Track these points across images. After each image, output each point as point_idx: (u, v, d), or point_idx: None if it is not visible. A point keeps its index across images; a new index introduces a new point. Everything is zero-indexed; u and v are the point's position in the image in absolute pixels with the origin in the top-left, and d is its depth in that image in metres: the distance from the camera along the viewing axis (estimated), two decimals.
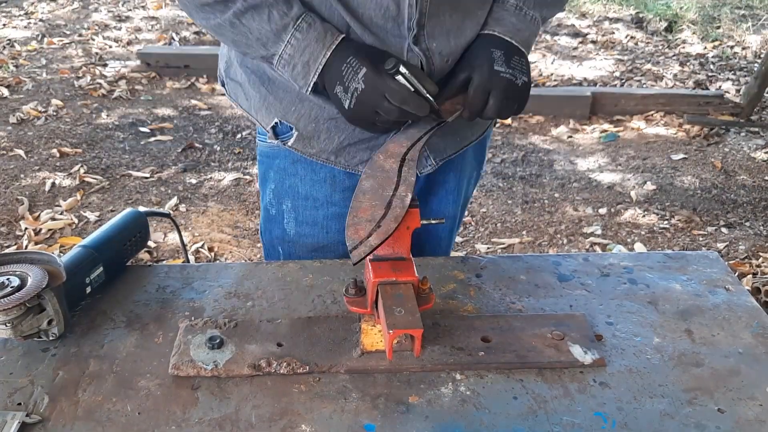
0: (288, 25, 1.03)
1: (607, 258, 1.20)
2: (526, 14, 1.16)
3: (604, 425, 0.85)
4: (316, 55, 1.04)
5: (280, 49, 1.05)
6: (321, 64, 1.04)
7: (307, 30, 1.04)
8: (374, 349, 0.95)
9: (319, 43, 1.04)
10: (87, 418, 0.86)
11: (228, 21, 1.04)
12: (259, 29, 1.04)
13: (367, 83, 1.01)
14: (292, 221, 1.28)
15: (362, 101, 1.02)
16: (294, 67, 1.05)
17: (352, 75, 1.02)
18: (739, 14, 6.05)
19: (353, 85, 1.02)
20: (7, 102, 4.28)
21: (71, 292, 1.01)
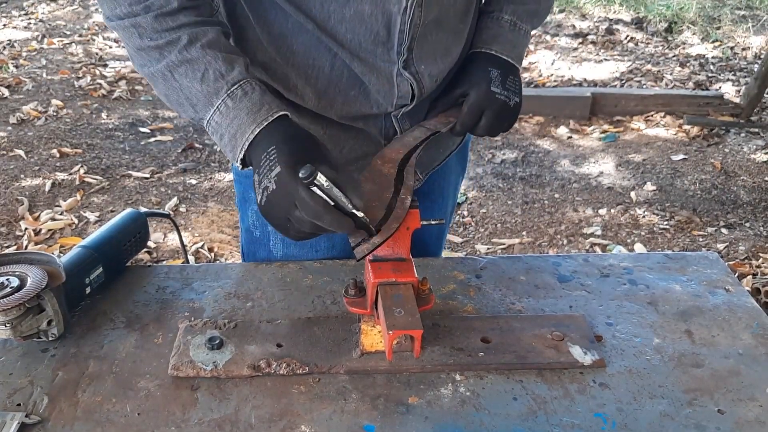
0: (221, 89, 0.93)
1: (607, 259, 1.20)
2: (520, 29, 1.17)
3: (604, 426, 0.85)
4: (243, 130, 0.92)
5: (208, 114, 0.94)
6: (248, 141, 0.92)
7: (241, 98, 0.93)
8: (374, 350, 0.95)
9: (250, 116, 0.92)
10: (86, 419, 0.86)
11: (160, 72, 0.95)
12: (189, 88, 0.94)
13: (279, 186, 0.87)
14: (279, 243, 1.24)
15: (272, 204, 0.88)
16: (221, 137, 0.95)
17: (267, 170, 0.88)
18: (739, 15, 6.05)
19: (265, 182, 0.88)
20: (7, 102, 4.28)
21: (71, 292, 1.01)
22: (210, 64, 0.93)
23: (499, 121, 1.11)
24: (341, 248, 1.23)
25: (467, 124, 1.11)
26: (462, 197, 3.35)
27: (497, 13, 1.16)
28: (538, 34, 5.65)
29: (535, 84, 4.71)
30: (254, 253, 1.29)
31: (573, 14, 6.14)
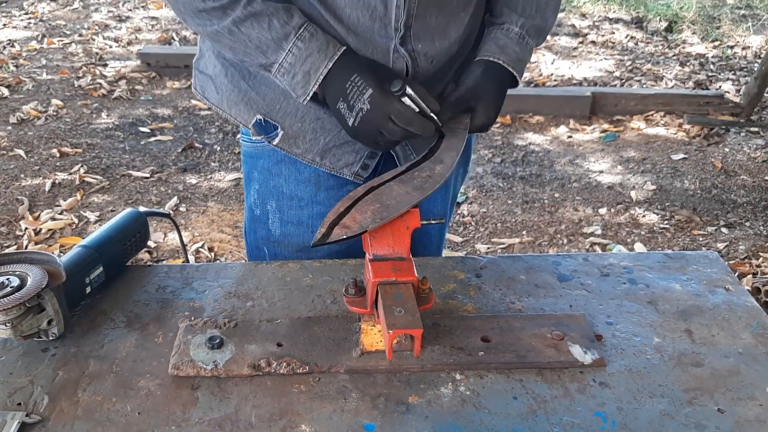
0: (290, 33, 1.03)
1: (607, 258, 1.20)
2: (528, 44, 1.19)
3: (604, 425, 0.85)
4: (317, 65, 1.03)
5: (280, 57, 1.04)
6: (322, 75, 1.04)
7: (310, 39, 1.03)
8: (374, 349, 0.95)
9: (321, 53, 1.03)
10: (87, 418, 0.86)
11: (226, 29, 1.03)
12: (258, 37, 1.03)
13: (373, 104, 1.01)
14: (277, 221, 1.28)
15: (367, 121, 1.02)
16: (294, 76, 1.05)
17: (357, 94, 1.02)
18: (739, 14, 6.05)
19: (358, 105, 1.02)
20: (7, 102, 4.28)
21: (71, 292, 1.01)
22: (272, 14, 1.02)
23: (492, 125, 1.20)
24: None
25: (472, 132, 1.17)
26: (462, 197, 3.35)
27: (507, 25, 1.18)
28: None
29: (535, 83, 4.71)
30: (255, 231, 1.33)
31: (573, 14, 6.13)
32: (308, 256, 1.25)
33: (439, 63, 1.15)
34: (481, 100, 1.14)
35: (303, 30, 1.03)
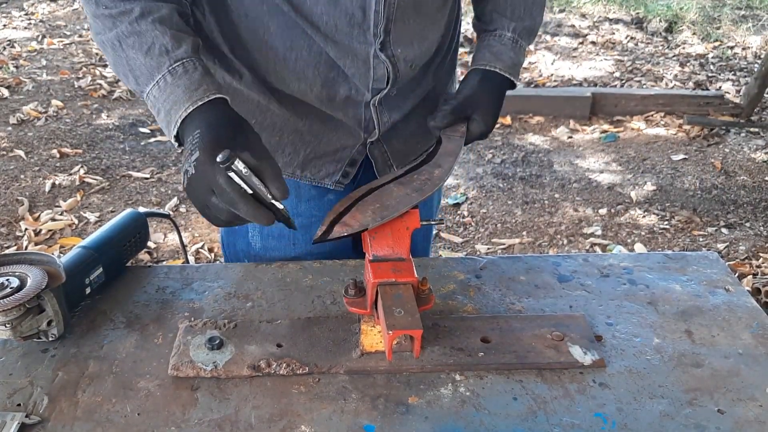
0: (162, 64, 0.93)
1: (606, 258, 1.20)
2: (521, 46, 1.19)
3: (604, 426, 0.85)
4: (177, 107, 0.92)
5: (148, 88, 0.95)
6: (180, 118, 0.91)
7: (181, 76, 0.93)
8: (374, 350, 0.95)
9: (186, 93, 0.92)
10: (86, 419, 0.86)
11: (110, 41, 0.96)
12: (135, 59, 0.95)
13: (197, 170, 0.86)
14: (257, 235, 1.25)
15: (192, 188, 0.88)
16: (158, 113, 0.95)
17: (189, 154, 0.88)
18: (739, 15, 6.05)
19: (186, 166, 0.88)
20: (7, 103, 4.28)
21: (71, 292, 1.01)
22: (157, 38, 0.94)
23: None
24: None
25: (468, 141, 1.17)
26: (462, 197, 3.35)
27: (500, 31, 1.18)
28: (538, 34, 5.65)
29: (535, 84, 4.71)
30: (233, 244, 1.30)
31: (573, 14, 6.14)
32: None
33: (418, 67, 1.14)
34: (479, 108, 1.14)
35: (178, 64, 0.93)
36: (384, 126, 1.18)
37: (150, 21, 0.95)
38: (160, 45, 0.94)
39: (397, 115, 1.19)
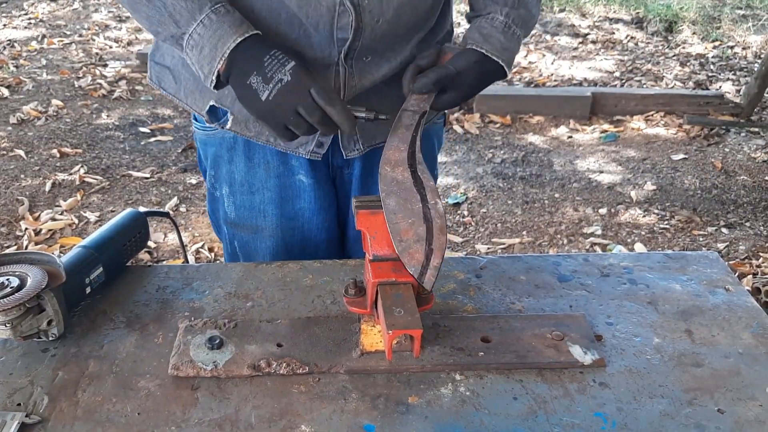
0: (204, 5, 0.99)
1: (607, 258, 1.20)
2: (514, 33, 1.16)
3: (604, 425, 0.85)
4: (225, 39, 0.99)
5: (191, 28, 1.00)
6: (229, 48, 0.99)
7: (224, 14, 1.00)
8: (374, 350, 0.95)
9: (231, 28, 0.99)
10: (87, 419, 0.86)
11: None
12: (174, 4, 1.00)
13: (294, 76, 0.97)
14: (231, 205, 1.31)
15: (285, 94, 0.97)
16: (201, 50, 1.01)
17: (278, 66, 0.97)
18: (739, 14, 6.05)
19: (278, 75, 0.97)
20: (7, 102, 4.28)
21: (71, 292, 1.01)
22: None
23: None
24: (290, 215, 1.29)
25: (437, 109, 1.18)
26: (462, 197, 3.35)
27: (492, 14, 1.16)
28: (538, 34, 5.65)
29: (535, 84, 4.71)
30: (215, 211, 1.36)
31: (573, 13, 6.14)
32: (263, 239, 1.30)
33: (386, 24, 1.10)
34: (459, 86, 1.13)
35: (220, 5, 1.00)
36: (351, 91, 1.15)
37: None
38: None
39: (367, 81, 1.16)
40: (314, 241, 1.33)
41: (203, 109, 1.19)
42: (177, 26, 1.01)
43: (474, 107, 4.20)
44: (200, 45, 1.00)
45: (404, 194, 0.96)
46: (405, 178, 0.99)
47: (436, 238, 0.91)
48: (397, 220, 0.93)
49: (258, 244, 1.32)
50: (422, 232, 0.91)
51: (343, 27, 1.07)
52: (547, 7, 6.22)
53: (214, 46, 0.99)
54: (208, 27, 0.99)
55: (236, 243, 1.34)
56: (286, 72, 0.97)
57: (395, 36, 1.14)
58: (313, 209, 1.29)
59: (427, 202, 0.95)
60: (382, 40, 1.13)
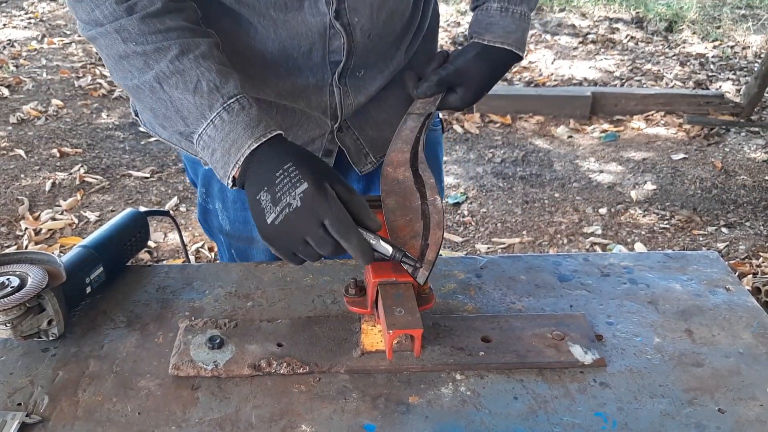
0: (215, 102, 0.89)
1: (607, 258, 1.20)
2: (513, 13, 1.13)
3: (605, 425, 0.85)
4: (239, 145, 0.88)
5: (200, 128, 0.90)
6: (243, 156, 0.87)
7: (239, 112, 0.89)
8: (374, 349, 0.95)
9: (247, 131, 0.88)
10: (87, 419, 0.86)
11: (148, 84, 0.90)
12: (181, 100, 0.89)
13: (306, 202, 0.83)
14: (226, 219, 1.29)
15: (293, 222, 0.84)
16: (213, 152, 0.90)
17: (289, 187, 0.84)
18: (739, 14, 6.05)
19: (287, 199, 0.84)
20: (7, 102, 4.28)
21: (71, 292, 1.01)
22: (203, 75, 0.89)
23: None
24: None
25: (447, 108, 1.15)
26: (462, 196, 3.35)
27: (487, 4, 1.15)
28: (538, 34, 5.65)
29: (535, 83, 4.71)
30: (209, 221, 1.34)
31: (573, 13, 6.13)
32: (262, 249, 1.28)
33: (377, 38, 1.08)
34: (464, 82, 1.11)
35: (234, 101, 0.89)
36: (348, 109, 1.14)
37: (192, 58, 0.90)
38: (208, 82, 0.89)
39: (363, 97, 1.15)
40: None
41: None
42: (185, 124, 0.91)
43: (474, 107, 4.20)
44: (211, 147, 0.90)
45: (404, 192, 0.97)
46: (406, 177, 0.99)
47: (432, 233, 0.91)
48: (395, 218, 0.93)
49: (254, 253, 1.32)
50: (419, 228, 0.91)
51: (335, 50, 1.06)
52: (547, 7, 6.22)
53: (226, 151, 0.88)
54: (219, 129, 0.89)
55: (233, 251, 1.34)
56: (296, 196, 0.83)
57: (386, 45, 1.13)
58: None
59: (426, 199, 0.96)
60: (374, 52, 1.11)
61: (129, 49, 0.90)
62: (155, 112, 0.93)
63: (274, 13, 0.99)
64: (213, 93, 0.89)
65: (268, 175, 0.86)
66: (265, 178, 0.86)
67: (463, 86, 1.12)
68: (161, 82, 0.89)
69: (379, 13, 1.06)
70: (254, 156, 0.88)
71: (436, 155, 1.38)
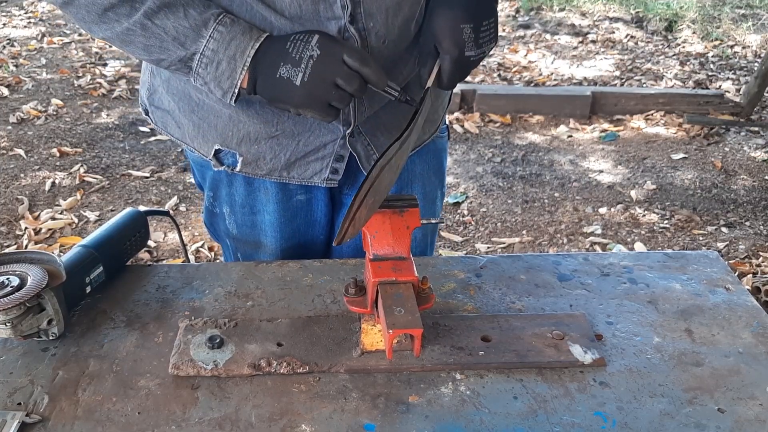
0: (209, 20, 0.95)
1: (607, 257, 1.20)
2: None
3: (604, 425, 0.85)
4: (243, 47, 0.95)
5: (201, 45, 0.95)
6: (250, 56, 0.96)
7: (231, 24, 0.96)
8: (374, 349, 0.95)
9: (245, 35, 0.96)
10: (87, 418, 0.86)
11: (138, 23, 0.95)
12: (175, 27, 0.95)
13: (323, 48, 0.94)
14: (233, 223, 1.29)
15: (320, 69, 0.93)
16: (218, 65, 0.96)
17: (303, 45, 0.94)
18: (739, 14, 6.05)
19: (307, 53, 0.93)
20: (7, 101, 4.28)
21: (71, 291, 1.01)
22: (187, 3, 0.95)
23: (462, 76, 1.05)
24: (291, 234, 1.27)
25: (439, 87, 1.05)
26: (462, 196, 3.35)
27: None
28: (538, 33, 5.65)
29: (535, 83, 4.71)
30: (215, 225, 1.34)
31: (573, 13, 6.13)
32: (266, 253, 1.29)
33: (392, 44, 1.07)
34: (446, 57, 1.00)
35: (223, 16, 0.96)
36: (362, 115, 1.14)
37: None
38: (194, 8, 0.95)
39: (377, 103, 1.14)
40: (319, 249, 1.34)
41: (210, 154, 1.16)
42: (183, 48, 0.96)
43: (474, 106, 4.20)
44: (215, 60, 0.96)
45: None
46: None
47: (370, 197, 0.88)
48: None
49: (261, 258, 1.31)
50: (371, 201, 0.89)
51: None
52: (547, 7, 6.22)
53: (232, 58, 0.96)
54: (219, 41, 0.95)
55: (239, 255, 1.35)
56: (313, 47, 0.94)
57: (400, 52, 1.12)
58: (314, 224, 1.29)
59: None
60: (388, 58, 1.10)
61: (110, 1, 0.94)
62: (150, 49, 0.97)
63: (288, 14, 1.00)
64: (203, 14, 0.96)
65: (279, 55, 0.95)
66: (277, 59, 0.95)
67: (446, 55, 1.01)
68: (151, 18, 0.94)
69: (394, 19, 1.05)
70: (258, 54, 0.96)
71: (440, 162, 1.37)
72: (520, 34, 5.68)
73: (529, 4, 6.25)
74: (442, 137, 1.36)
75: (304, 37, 0.95)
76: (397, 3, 1.03)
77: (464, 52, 1.00)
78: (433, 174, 1.35)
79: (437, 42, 1.01)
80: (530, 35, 5.64)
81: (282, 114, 1.12)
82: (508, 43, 5.41)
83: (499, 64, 4.99)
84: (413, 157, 1.29)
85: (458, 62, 1.01)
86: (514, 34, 5.67)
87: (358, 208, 0.87)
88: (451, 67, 1.01)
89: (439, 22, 1.01)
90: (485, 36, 1.02)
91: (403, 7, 1.05)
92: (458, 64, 1.01)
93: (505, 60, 5.09)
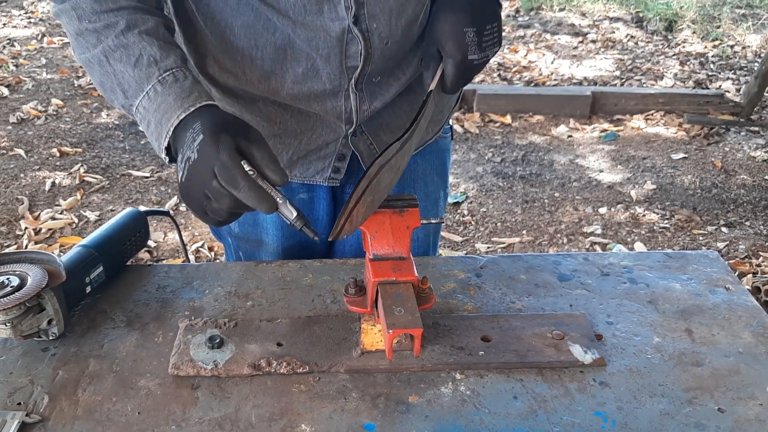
0: (152, 75, 0.91)
1: (607, 257, 1.20)
2: None
3: (604, 425, 0.85)
4: (169, 115, 0.89)
5: (138, 100, 0.92)
6: (173, 126, 0.88)
7: (171, 85, 0.90)
8: (374, 349, 0.95)
9: (177, 101, 0.89)
10: (87, 418, 0.86)
11: (97, 58, 0.94)
12: (123, 73, 0.92)
13: (201, 153, 0.81)
14: (235, 221, 1.28)
15: (192, 177, 0.83)
16: (148, 125, 0.92)
17: (191, 141, 0.84)
18: (739, 14, 6.05)
19: (188, 153, 0.84)
20: (7, 101, 4.28)
21: (71, 291, 1.01)
22: (145, 49, 0.92)
23: (465, 80, 1.04)
24: (293, 232, 1.22)
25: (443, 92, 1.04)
26: (462, 196, 3.35)
27: None
28: (538, 33, 5.65)
29: (535, 83, 4.71)
30: (218, 230, 1.35)
31: (573, 13, 6.13)
32: (268, 252, 1.29)
33: (395, 45, 1.07)
34: (449, 61, 0.99)
35: (168, 74, 0.91)
36: (363, 114, 1.14)
37: (137, 33, 0.93)
38: (149, 56, 0.91)
39: (379, 103, 1.14)
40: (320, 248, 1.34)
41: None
42: (125, 96, 0.93)
43: (474, 106, 4.20)
44: (146, 119, 0.92)
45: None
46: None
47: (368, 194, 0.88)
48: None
49: (262, 256, 1.32)
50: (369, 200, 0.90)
51: (352, 55, 1.05)
52: (547, 7, 6.22)
53: (159, 122, 0.90)
54: (153, 100, 0.90)
55: (241, 253, 1.35)
56: (194, 149, 0.82)
57: (403, 53, 1.12)
58: (316, 223, 1.29)
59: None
60: (391, 60, 1.10)
61: (83, 26, 0.93)
62: (103, 85, 0.96)
63: (292, 14, 0.99)
64: (151, 66, 0.91)
65: (182, 140, 0.87)
66: (180, 143, 0.87)
67: (446, 45, 1.00)
68: (107, 56, 0.92)
69: (397, 21, 1.05)
70: (180, 125, 0.88)
71: (444, 162, 1.37)
72: (520, 34, 5.68)
73: (529, 4, 6.25)
74: (446, 137, 1.36)
75: (196, 131, 0.84)
76: (400, 4, 1.03)
77: (467, 56, 0.99)
78: (436, 174, 1.35)
79: (440, 45, 1.00)
80: (530, 35, 5.65)
81: (285, 113, 1.13)
82: (508, 43, 5.41)
83: (499, 64, 4.99)
84: (416, 157, 1.29)
85: (461, 66, 1.00)
86: (514, 34, 5.67)
87: (354, 205, 0.87)
88: (454, 71, 1.00)
89: (443, 25, 1.00)
90: (488, 40, 1.01)
91: (407, 8, 1.05)
92: (461, 67, 1.00)
93: (505, 60, 5.09)
